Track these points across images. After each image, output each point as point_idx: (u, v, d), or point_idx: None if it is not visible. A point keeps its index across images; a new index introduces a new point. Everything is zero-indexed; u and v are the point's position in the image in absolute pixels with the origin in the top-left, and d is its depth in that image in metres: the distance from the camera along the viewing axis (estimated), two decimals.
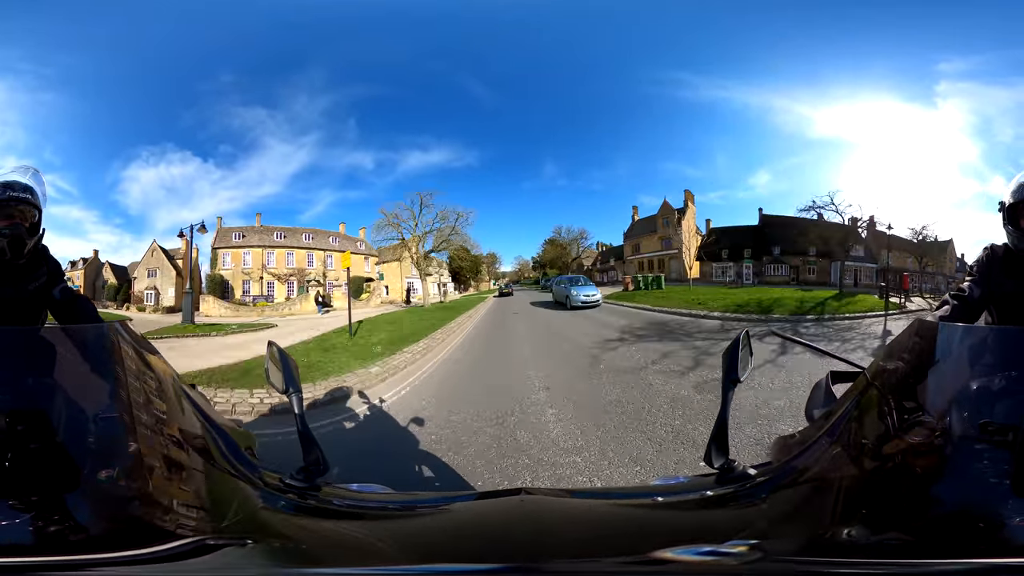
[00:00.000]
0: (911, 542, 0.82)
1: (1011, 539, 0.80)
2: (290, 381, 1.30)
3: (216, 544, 0.84)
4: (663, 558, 0.83)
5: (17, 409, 0.93)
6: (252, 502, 1.07)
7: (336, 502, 1.16)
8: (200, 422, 1.21)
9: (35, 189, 2.01)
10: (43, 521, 0.82)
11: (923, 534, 0.82)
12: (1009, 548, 0.78)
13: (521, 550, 0.92)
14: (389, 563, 0.91)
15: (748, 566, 0.82)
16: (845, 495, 0.98)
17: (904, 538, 0.83)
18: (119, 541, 0.82)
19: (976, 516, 0.83)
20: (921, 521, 0.85)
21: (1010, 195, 1.95)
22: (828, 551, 0.85)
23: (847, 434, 1.11)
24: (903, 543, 0.82)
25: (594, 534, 1.05)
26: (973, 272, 2.13)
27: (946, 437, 0.93)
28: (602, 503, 1.30)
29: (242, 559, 0.86)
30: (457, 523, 1.15)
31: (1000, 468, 0.85)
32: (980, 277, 2.08)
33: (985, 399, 0.97)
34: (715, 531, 1.03)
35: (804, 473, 1.10)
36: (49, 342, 1.10)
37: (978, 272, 2.10)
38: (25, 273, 2.05)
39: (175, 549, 0.80)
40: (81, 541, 0.82)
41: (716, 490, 1.14)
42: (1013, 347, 1.06)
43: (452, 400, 6.34)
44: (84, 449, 0.92)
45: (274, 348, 1.36)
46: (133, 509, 0.90)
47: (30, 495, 0.83)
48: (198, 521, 0.94)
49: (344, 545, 1.00)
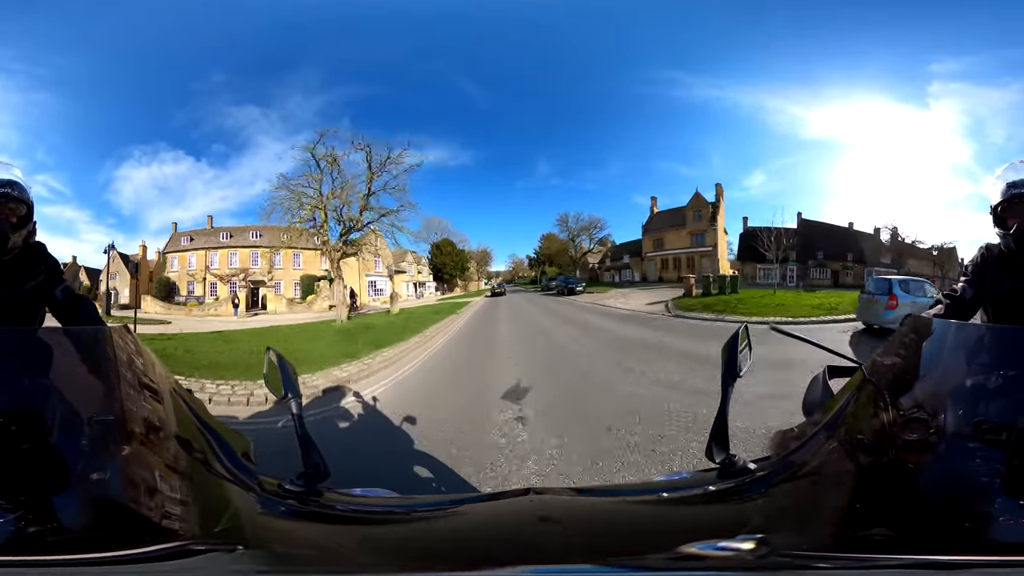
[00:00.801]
0: (903, 537, 0.82)
1: (1001, 537, 0.81)
2: (288, 386, 1.29)
3: (201, 548, 0.83)
4: (683, 553, 0.84)
5: (11, 409, 0.93)
6: (247, 507, 1.05)
7: (339, 507, 1.15)
8: (196, 426, 1.20)
9: (20, 183, 1.94)
10: (28, 521, 0.82)
11: (915, 529, 0.83)
12: (999, 546, 0.80)
13: (538, 551, 0.91)
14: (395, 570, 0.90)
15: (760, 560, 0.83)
16: (842, 490, 0.99)
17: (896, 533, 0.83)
18: (103, 542, 0.81)
19: (967, 513, 0.84)
20: (914, 516, 0.86)
21: (996, 196, 1.96)
22: (827, 545, 0.86)
23: (844, 429, 1.12)
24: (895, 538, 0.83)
25: (606, 532, 1.05)
26: (967, 272, 2.13)
27: (940, 434, 0.93)
28: (609, 500, 1.30)
29: (228, 564, 0.85)
30: (468, 526, 1.14)
31: (992, 467, 0.86)
32: (973, 278, 2.09)
33: (980, 397, 0.97)
34: (725, 526, 1.03)
35: (802, 467, 1.10)
36: (46, 343, 1.09)
37: (972, 273, 2.10)
38: (21, 271, 2.00)
39: (157, 552, 0.80)
40: (64, 542, 0.82)
41: (718, 485, 1.15)
42: (1008, 346, 1.06)
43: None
44: (77, 450, 0.92)
45: (272, 353, 1.35)
46: (121, 511, 0.89)
47: (19, 495, 0.83)
48: (188, 525, 0.93)
49: (343, 550, 0.99)
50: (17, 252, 1.97)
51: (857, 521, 0.88)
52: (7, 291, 1.96)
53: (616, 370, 7.85)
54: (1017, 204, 1.90)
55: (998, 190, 1.95)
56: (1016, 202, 1.90)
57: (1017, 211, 1.91)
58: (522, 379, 7.31)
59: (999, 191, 1.95)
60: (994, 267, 2.02)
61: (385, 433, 5.30)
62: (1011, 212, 1.92)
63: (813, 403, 1.50)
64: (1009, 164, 2.00)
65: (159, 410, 1.11)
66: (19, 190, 1.93)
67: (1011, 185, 1.92)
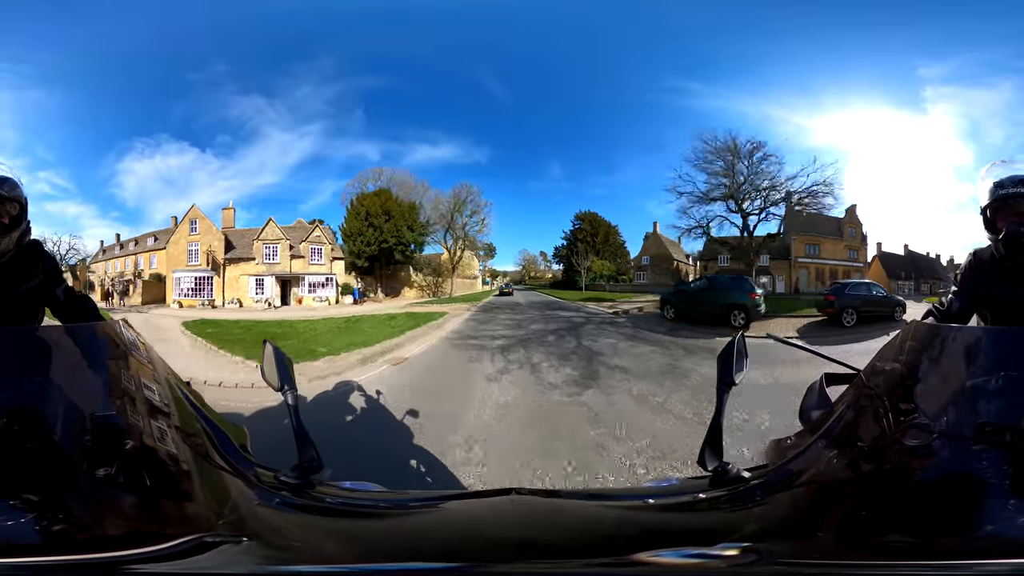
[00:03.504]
0: (908, 544, 0.82)
1: (1010, 540, 0.79)
2: (285, 379, 1.30)
3: (213, 541, 0.84)
4: (645, 560, 0.84)
5: (14, 409, 0.93)
6: (247, 499, 1.07)
7: (329, 500, 1.16)
8: (196, 419, 1.21)
9: (11, 179, 1.82)
10: (42, 520, 0.82)
11: (920, 536, 0.82)
12: (1008, 549, 0.78)
13: (512, 550, 0.92)
14: (380, 560, 0.92)
15: (738, 569, 0.83)
16: (840, 498, 0.98)
17: (901, 540, 0.83)
18: (118, 540, 0.82)
19: (974, 517, 0.83)
20: (918, 523, 0.85)
21: (984, 197, 1.84)
22: (823, 554, 0.85)
23: (842, 437, 1.11)
24: (900, 545, 0.82)
25: (584, 535, 1.05)
26: (956, 282, 2.05)
27: (942, 439, 0.93)
28: (591, 504, 1.30)
29: (238, 556, 0.86)
30: (448, 522, 1.16)
31: (998, 469, 0.85)
32: (962, 287, 2.01)
33: (981, 400, 0.97)
34: (705, 533, 1.03)
35: (799, 476, 1.09)
36: (46, 341, 1.10)
37: (961, 282, 2.02)
38: (18, 272, 1.93)
39: (174, 548, 0.81)
40: (81, 540, 0.82)
41: (709, 492, 1.14)
42: (1008, 348, 1.06)
43: None
44: (81, 448, 0.92)
45: (270, 346, 1.36)
46: (131, 507, 0.90)
47: (29, 494, 0.83)
48: (195, 518, 0.94)
49: (337, 542, 1.00)
50: (11, 254, 1.89)
51: (858, 529, 0.88)
52: (4, 294, 1.88)
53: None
54: (1005, 205, 1.80)
55: (985, 191, 1.85)
56: (1004, 203, 1.80)
57: (1006, 213, 1.80)
58: None
59: (986, 192, 1.84)
60: (986, 272, 1.93)
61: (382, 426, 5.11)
62: (1000, 214, 1.82)
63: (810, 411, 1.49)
64: (991, 164, 1.88)
65: (160, 403, 1.13)
66: (10, 187, 1.82)
67: (998, 185, 1.81)
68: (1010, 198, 1.79)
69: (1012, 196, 1.78)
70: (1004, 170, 1.84)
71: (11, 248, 1.87)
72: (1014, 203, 1.78)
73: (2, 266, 1.88)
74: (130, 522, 0.88)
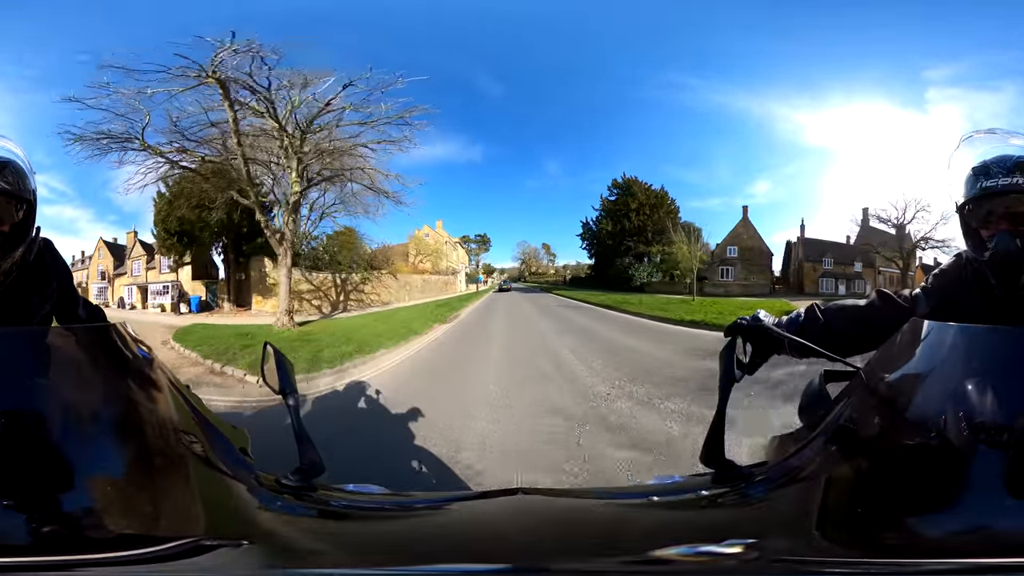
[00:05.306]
0: (905, 542, 0.82)
1: (1007, 539, 0.80)
2: (286, 382, 1.30)
3: (211, 544, 0.84)
4: (662, 557, 0.84)
5: (13, 410, 0.93)
6: (247, 502, 1.07)
7: (332, 503, 1.16)
8: (196, 422, 1.21)
9: (20, 166, 1.35)
10: (39, 521, 0.82)
11: (918, 534, 0.83)
12: (1006, 548, 0.78)
13: (519, 551, 0.92)
14: (385, 564, 0.91)
15: (746, 564, 0.83)
16: (840, 494, 0.99)
17: (898, 538, 0.83)
18: (115, 542, 0.81)
19: (971, 516, 0.84)
20: (916, 521, 0.85)
21: (959, 188, 1.30)
22: (824, 550, 0.86)
23: (841, 434, 1.12)
24: (897, 543, 0.83)
25: (591, 534, 1.05)
26: (928, 282, 1.52)
27: (940, 437, 0.93)
28: (598, 503, 1.30)
29: (238, 559, 0.86)
30: (454, 523, 1.15)
31: (995, 468, 0.86)
32: (933, 290, 1.48)
33: (979, 398, 0.96)
34: (712, 530, 1.04)
35: (800, 472, 1.10)
36: (46, 342, 1.09)
37: (934, 284, 1.49)
38: (28, 292, 1.52)
39: (170, 550, 0.80)
40: (77, 541, 0.82)
41: (712, 489, 1.14)
42: (1008, 347, 1.06)
43: None
44: (80, 449, 0.92)
45: (270, 349, 1.36)
46: (128, 509, 0.90)
47: (26, 496, 0.83)
48: (193, 521, 0.94)
49: (340, 546, 1.00)
50: (16, 274, 1.45)
51: (857, 526, 0.88)
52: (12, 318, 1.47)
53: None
54: (991, 204, 1.24)
55: (962, 180, 1.28)
56: (989, 201, 1.23)
57: (992, 216, 1.25)
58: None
59: (963, 182, 1.27)
60: (971, 291, 1.36)
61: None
62: (983, 217, 1.27)
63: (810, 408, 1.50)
64: (971, 134, 1.32)
65: (160, 406, 1.12)
66: (16, 178, 1.34)
67: (980, 172, 1.24)
68: (998, 194, 1.21)
69: (1001, 191, 1.21)
70: (989, 145, 1.28)
71: (14, 270, 1.44)
72: (1004, 202, 1.22)
73: (8, 291, 1.45)
74: (127, 524, 0.88)
